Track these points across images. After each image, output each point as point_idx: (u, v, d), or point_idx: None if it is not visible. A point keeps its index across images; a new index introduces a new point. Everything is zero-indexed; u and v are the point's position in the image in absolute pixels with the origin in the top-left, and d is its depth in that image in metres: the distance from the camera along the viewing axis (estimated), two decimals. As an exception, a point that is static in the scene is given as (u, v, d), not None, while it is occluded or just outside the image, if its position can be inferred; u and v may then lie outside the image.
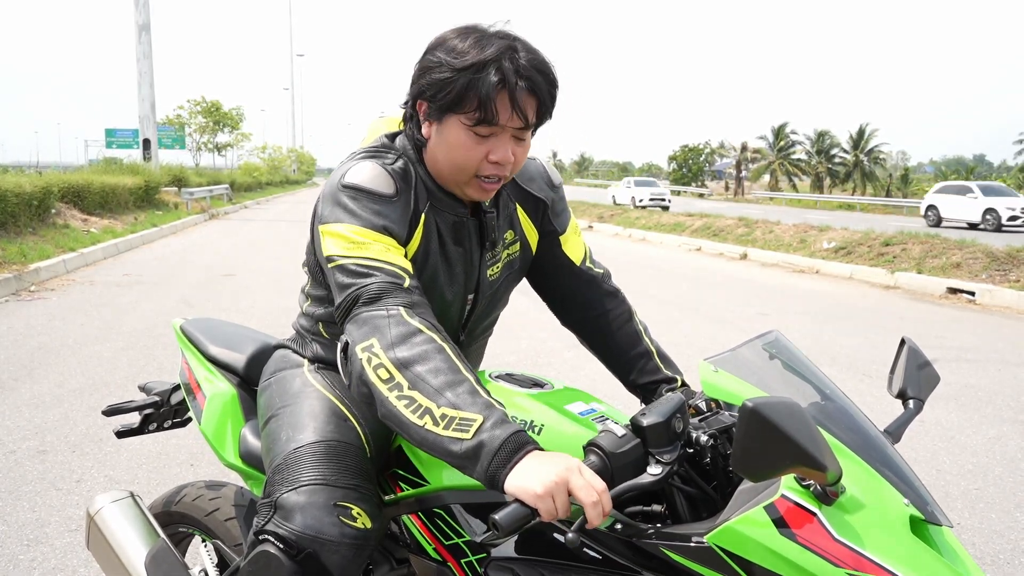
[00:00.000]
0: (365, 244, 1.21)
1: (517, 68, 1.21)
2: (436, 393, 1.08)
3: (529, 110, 1.24)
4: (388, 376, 1.10)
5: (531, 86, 1.22)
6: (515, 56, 1.22)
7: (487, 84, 1.19)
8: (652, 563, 1.07)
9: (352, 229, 1.22)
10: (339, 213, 1.24)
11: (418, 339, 1.12)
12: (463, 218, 1.37)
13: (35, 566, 2.51)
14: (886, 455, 1.06)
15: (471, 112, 1.22)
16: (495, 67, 1.20)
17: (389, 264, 1.20)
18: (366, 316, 1.16)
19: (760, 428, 0.86)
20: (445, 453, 1.05)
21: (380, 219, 1.24)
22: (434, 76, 1.23)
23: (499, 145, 1.25)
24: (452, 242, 1.36)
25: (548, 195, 1.50)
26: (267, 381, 1.52)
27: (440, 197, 1.34)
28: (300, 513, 1.24)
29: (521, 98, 1.22)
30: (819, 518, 0.94)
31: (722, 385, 1.09)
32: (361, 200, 1.24)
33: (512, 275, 1.49)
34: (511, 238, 1.45)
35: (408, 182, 1.31)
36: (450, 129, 1.26)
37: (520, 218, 1.47)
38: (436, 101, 1.24)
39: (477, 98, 1.20)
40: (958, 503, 3.22)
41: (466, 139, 1.25)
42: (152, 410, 1.91)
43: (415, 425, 1.07)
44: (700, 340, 6.18)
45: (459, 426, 1.04)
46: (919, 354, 1.29)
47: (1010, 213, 20.70)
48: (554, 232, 1.52)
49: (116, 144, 26.58)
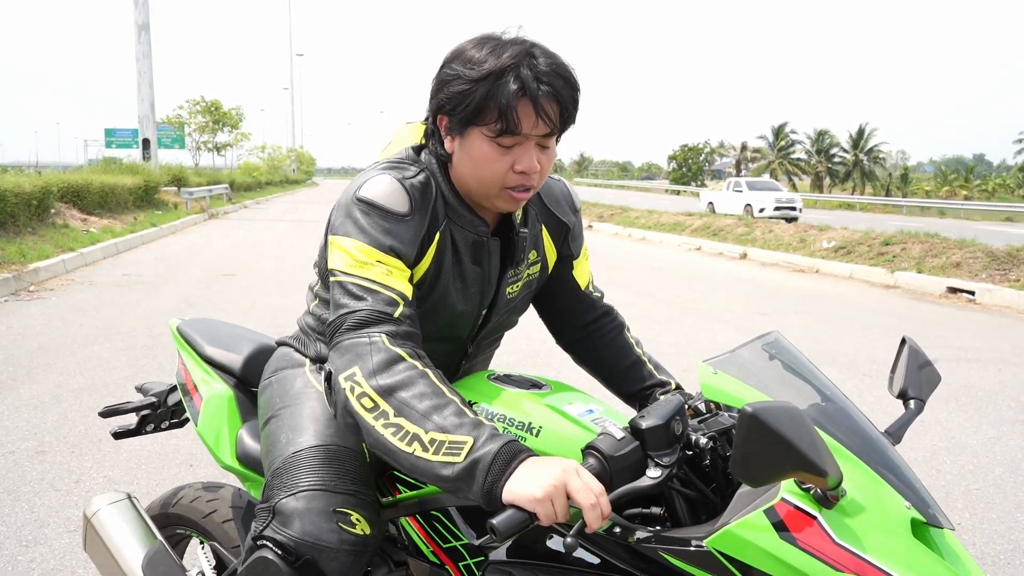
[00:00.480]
0: (367, 264, 1.20)
1: (536, 74, 1.18)
2: (423, 418, 1.07)
3: (552, 116, 1.21)
4: (372, 405, 1.10)
5: (552, 91, 1.19)
6: (533, 62, 1.19)
7: (507, 93, 1.16)
8: (651, 567, 1.07)
9: (358, 246, 1.21)
10: (348, 226, 1.22)
11: (400, 366, 1.12)
12: (483, 237, 1.34)
13: (34, 567, 2.50)
14: (887, 457, 1.05)
15: (492, 123, 1.19)
16: (513, 74, 1.17)
17: (386, 289, 1.19)
18: (348, 344, 1.15)
19: (760, 433, 0.85)
20: (437, 478, 1.05)
21: (388, 238, 1.21)
22: (452, 89, 1.21)
23: (524, 154, 1.22)
24: (470, 261, 1.34)
25: (571, 220, 1.50)
26: (268, 380, 1.51)
27: (461, 214, 1.31)
28: (299, 519, 1.23)
29: (543, 104, 1.19)
30: (819, 521, 0.93)
31: (721, 387, 1.08)
32: (372, 216, 1.22)
33: (529, 294, 1.49)
34: (534, 258, 1.44)
35: (427, 198, 1.27)
36: (473, 142, 1.23)
37: (544, 239, 1.46)
38: (456, 115, 1.22)
39: (497, 108, 1.17)
40: (958, 503, 3.22)
41: (490, 151, 1.22)
42: (149, 411, 1.90)
43: (404, 452, 1.07)
44: (700, 340, 6.17)
45: (449, 450, 1.04)
46: (920, 354, 1.29)
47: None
48: (570, 256, 1.52)
49: (115, 144, 26.53)
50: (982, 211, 30.80)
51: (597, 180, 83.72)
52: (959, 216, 29.11)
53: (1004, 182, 55.95)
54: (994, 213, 30.51)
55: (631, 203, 25.56)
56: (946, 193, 47.32)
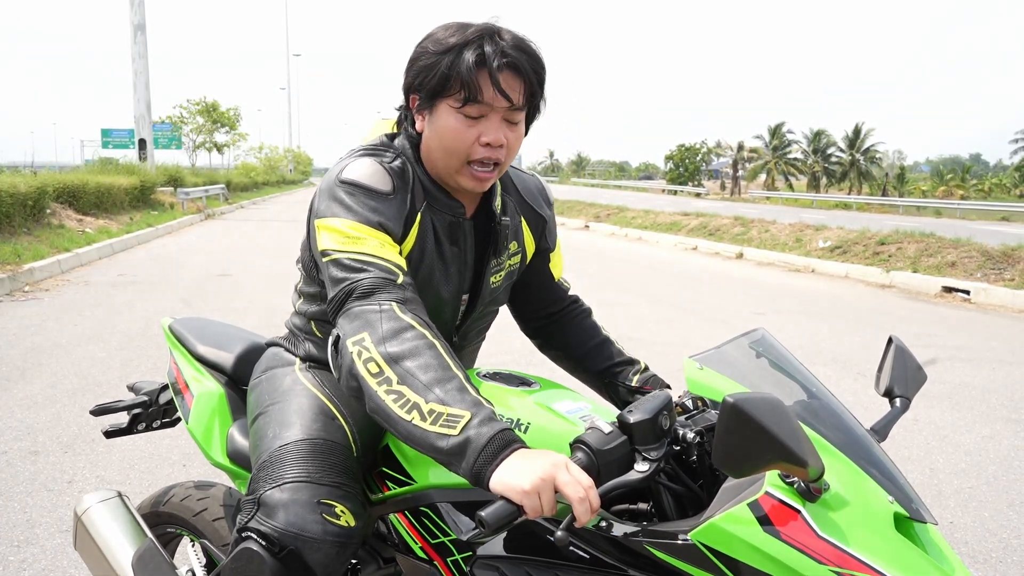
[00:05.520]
0: (360, 239, 1.21)
1: (498, 47, 1.23)
2: (425, 389, 1.07)
3: (514, 91, 1.25)
4: (378, 370, 1.10)
5: (513, 63, 1.23)
6: (497, 37, 1.24)
7: (467, 62, 1.21)
8: (638, 561, 1.07)
9: (348, 224, 1.22)
10: (335, 208, 1.24)
11: (409, 335, 1.12)
12: (459, 219, 1.37)
13: (25, 567, 2.50)
14: (871, 453, 1.05)
15: (456, 92, 1.23)
16: (475, 46, 1.22)
17: (383, 260, 1.20)
18: (358, 310, 1.16)
19: (741, 424, 0.86)
20: (431, 448, 1.05)
21: (376, 215, 1.24)
22: (419, 64, 1.27)
23: (490, 127, 1.26)
24: (448, 242, 1.37)
25: (547, 213, 1.54)
26: (258, 378, 1.52)
27: (437, 196, 1.34)
28: (283, 510, 1.23)
29: (505, 76, 1.23)
30: (803, 515, 0.93)
31: (707, 382, 1.09)
32: (358, 196, 1.25)
33: (510, 285, 1.52)
34: (514, 248, 1.48)
35: (405, 180, 1.31)
36: (440, 115, 1.27)
37: (524, 231, 1.50)
38: (424, 89, 1.27)
39: (460, 78, 1.22)
40: (951, 501, 3.23)
41: (456, 123, 1.26)
42: (140, 410, 1.91)
43: (402, 420, 1.06)
44: (695, 339, 6.18)
45: (446, 422, 1.04)
46: (906, 353, 1.29)
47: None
48: (547, 249, 1.57)
49: (112, 144, 26.49)
50: (978, 211, 30.84)
51: (595, 180, 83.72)
52: (955, 216, 29.16)
53: (1000, 182, 56.11)
54: (990, 213, 30.55)
55: (628, 203, 25.56)
56: (942, 193, 47.42)
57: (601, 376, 1.55)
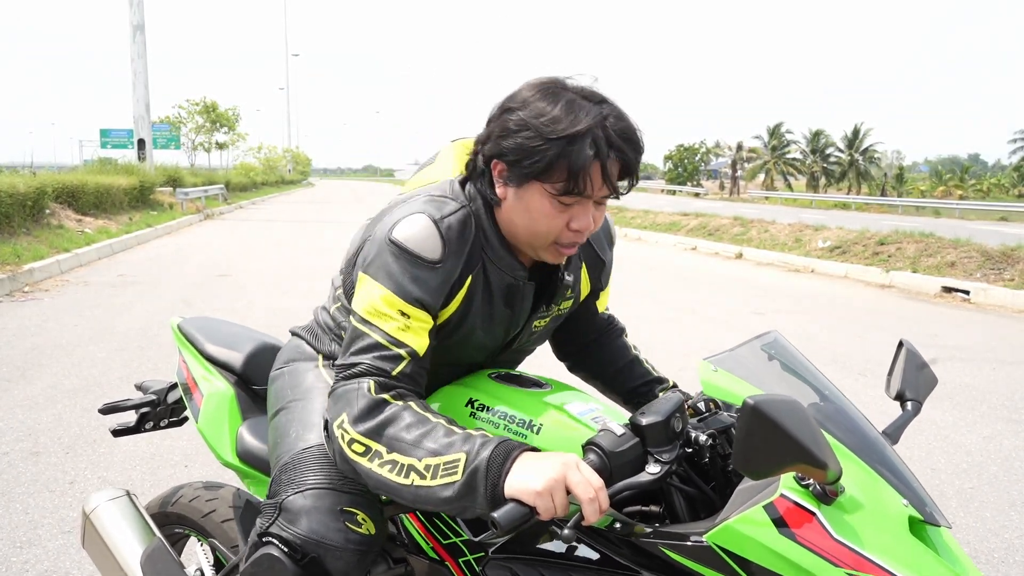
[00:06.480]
0: (386, 316, 1.18)
1: (609, 139, 1.14)
2: (413, 447, 1.09)
3: (616, 179, 1.19)
4: (364, 448, 1.12)
5: (621, 156, 1.16)
6: (606, 124, 1.15)
7: (582, 157, 1.13)
8: (651, 562, 1.07)
9: (382, 296, 1.19)
10: (378, 270, 1.20)
11: (383, 408, 1.14)
12: (520, 281, 1.31)
13: (27, 568, 2.50)
14: (885, 456, 1.06)
15: (559, 182, 1.16)
16: (590, 139, 1.13)
17: (395, 345, 1.18)
18: (340, 391, 1.18)
19: (761, 425, 0.86)
20: (441, 502, 1.07)
21: (416, 287, 1.19)
22: (519, 140, 1.15)
23: (582, 213, 1.20)
24: (502, 303, 1.32)
25: (608, 256, 1.48)
26: (280, 369, 1.51)
27: (501, 255, 1.28)
28: (306, 517, 1.23)
29: (611, 169, 1.17)
30: (818, 518, 0.94)
31: (721, 385, 1.09)
32: (402, 261, 1.19)
33: (555, 327, 1.48)
34: (568, 294, 1.42)
35: (464, 239, 1.23)
36: (531, 195, 1.19)
37: (582, 276, 1.45)
38: (520, 167, 1.17)
39: (567, 169, 1.14)
40: (953, 502, 3.23)
41: (549, 207, 1.18)
42: (148, 409, 1.91)
43: (405, 486, 1.09)
44: (695, 340, 6.19)
45: (446, 471, 1.06)
46: (917, 356, 1.30)
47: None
48: (599, 288, 1.51)
49: (111, 144, 26.42)
50: (977, 211, 30.87)
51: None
52: (954, 216, 29.17)
53: (999, 182, 56.14)
54: (989, 213, 30.58)
55: (627, 203, 25.55)
56: (941, 193, 47.45)
57: (630, 396, 1.53)
